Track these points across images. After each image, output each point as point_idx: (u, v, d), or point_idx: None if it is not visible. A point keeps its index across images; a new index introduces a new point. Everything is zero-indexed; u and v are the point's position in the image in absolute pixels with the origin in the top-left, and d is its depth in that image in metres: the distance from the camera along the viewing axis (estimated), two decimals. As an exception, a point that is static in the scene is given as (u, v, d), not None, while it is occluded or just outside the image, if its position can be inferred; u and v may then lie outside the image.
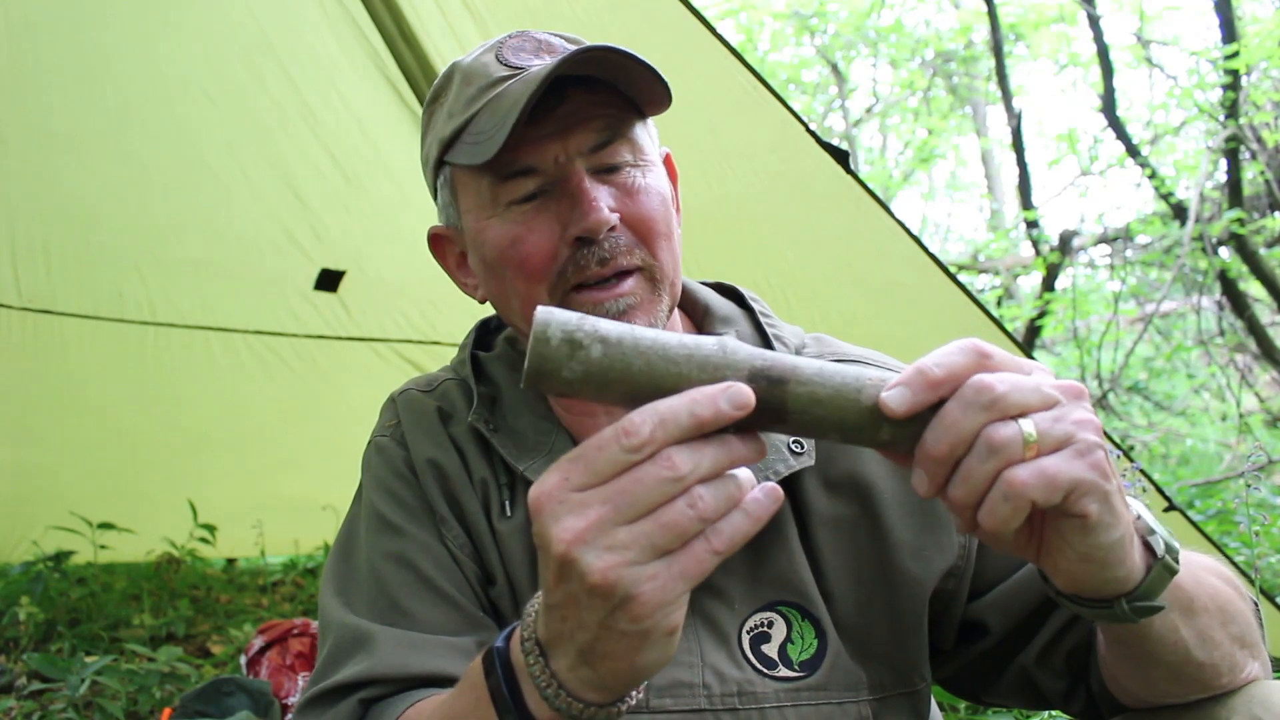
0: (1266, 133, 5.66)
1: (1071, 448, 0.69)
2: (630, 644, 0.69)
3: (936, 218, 14.68)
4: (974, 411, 0.69)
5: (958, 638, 1.12)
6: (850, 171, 2.19)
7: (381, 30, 2.81)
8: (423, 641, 1.02)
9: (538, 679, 0.74)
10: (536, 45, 1.07)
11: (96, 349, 3.38)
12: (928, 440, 0.70)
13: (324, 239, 3.29)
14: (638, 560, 0.66)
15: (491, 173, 1.04)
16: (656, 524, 0.66)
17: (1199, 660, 0.88)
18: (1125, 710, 1.00)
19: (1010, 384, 0.70)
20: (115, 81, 2.85)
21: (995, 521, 0.69)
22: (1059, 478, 0.68)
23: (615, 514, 0.66)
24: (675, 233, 1.09)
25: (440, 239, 1.18)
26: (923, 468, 0.71)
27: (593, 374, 0.68)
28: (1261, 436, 5.94)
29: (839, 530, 1.08)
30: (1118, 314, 6.48)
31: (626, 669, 0.71)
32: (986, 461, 0.68)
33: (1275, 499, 3.48)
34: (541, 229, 1.04)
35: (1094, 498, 0.70)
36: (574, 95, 1.02)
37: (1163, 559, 0.78)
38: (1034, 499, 0.68)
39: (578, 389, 0.68)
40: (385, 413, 1.20)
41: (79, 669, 2.73)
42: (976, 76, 10.96)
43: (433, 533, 1.09)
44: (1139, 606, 0.78)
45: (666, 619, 0.68)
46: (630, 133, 1.07)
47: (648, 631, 0.68)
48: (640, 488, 0.66)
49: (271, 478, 3.87)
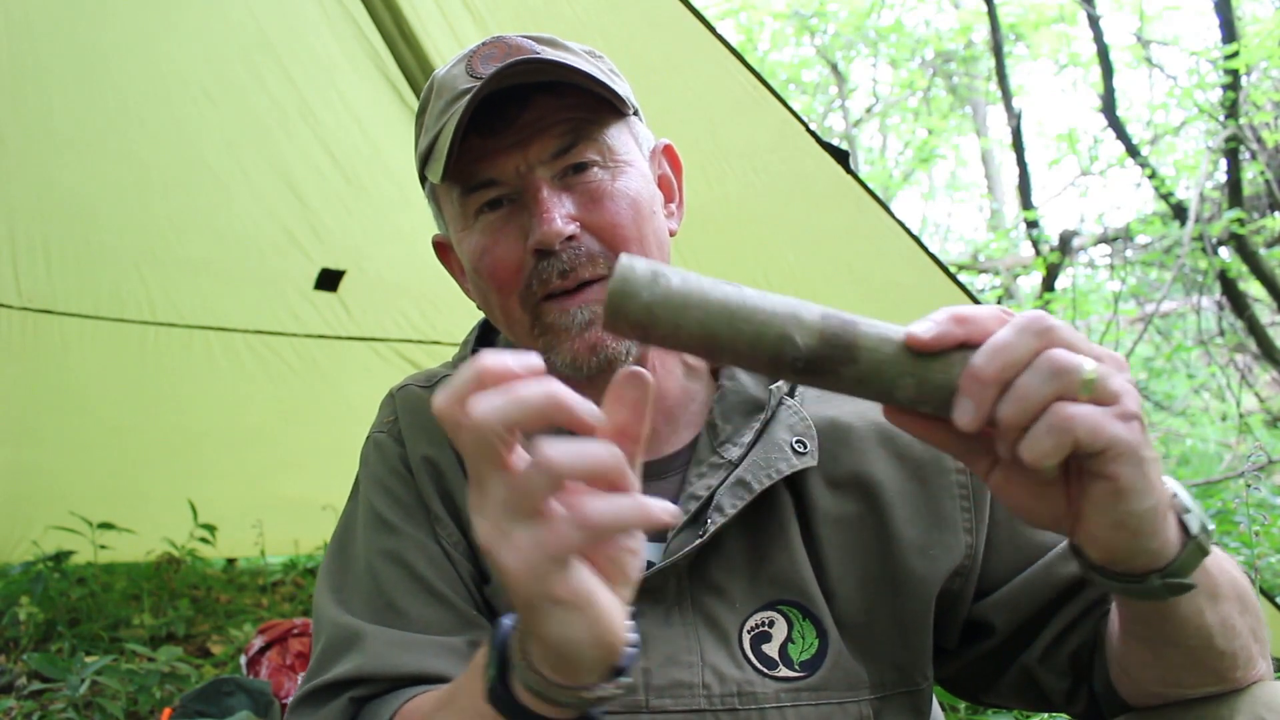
0: (1266, 133, 5.66)
1: (1117, 407, 0.69)
2: (530, 617, 0.70)
3: (936, 218, 14.68)
4: (1029, 336, 0.69)
5: (962, 638, 1.12)
6: (850, 171, 2.20)
7: (381, 30, 2.81)
8: (413, 641, 1.02)
9: (514, 654, 0.75)
10: (506, 52, 1.06)
11: (96, 349, 3.38)
12: (978, 363, 0.69)
13: (324, 239, 3.29)
14: (504, 525, 0.67)
15: (459, 186, 1.06)
16: (507, 487, 0.66)
17: (1220, 649, 0.87)
18: (1128, 710, 1.00)
19: (1068, 327, 0.70)
20: (115, 81, 2.84)
21: (1036, 453, 0.68)
22: (1104, 428, 0.68)
23: (478, 477, 0.68)
24: (650, 234, 1.08)
25: (443, 247, 1.19)
26: (969, 394, 0.70)
27: (673, 297, 0.69)
28: (1261, 436, 5.93)
29: (844, 529, 1.08)
30: (1118, 314, 6.48)
31: (549, 646, 0.71)
32: (1046, 383, 0.68)
33: (1275, 499, 3.48)
34: (507, 240, 1.05)
35: (1129, 461, 0.70)
36: (539, 101, 1.03)
37: (1196, 537, 0.78)
38: (1079, 438, 0.67)
39: (656, 314, 0.69)
40: (384, 408, 1.20)
41: (79, 669, 2.73)
42: (976, 76, 10.96)
43: (427, 531, 1.09)
44: (1172, 583, 0.77)
45: (539, 588, 0.67)
46: (598, 135, 1.06)
47: (530, 602, 0.68)
48: (471, 445, 0.66)
49: (271, 478, 3.87)
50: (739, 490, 1.04)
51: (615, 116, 1.08)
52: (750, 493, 1.04)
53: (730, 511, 1.03)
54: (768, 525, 1.07)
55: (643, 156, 1.12)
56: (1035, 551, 1.08)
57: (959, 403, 0.70)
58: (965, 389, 0.70)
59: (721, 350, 0.71)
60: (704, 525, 1.03)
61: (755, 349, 0.71)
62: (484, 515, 0.68)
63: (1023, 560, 1.09)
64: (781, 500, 1.07)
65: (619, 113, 1.08)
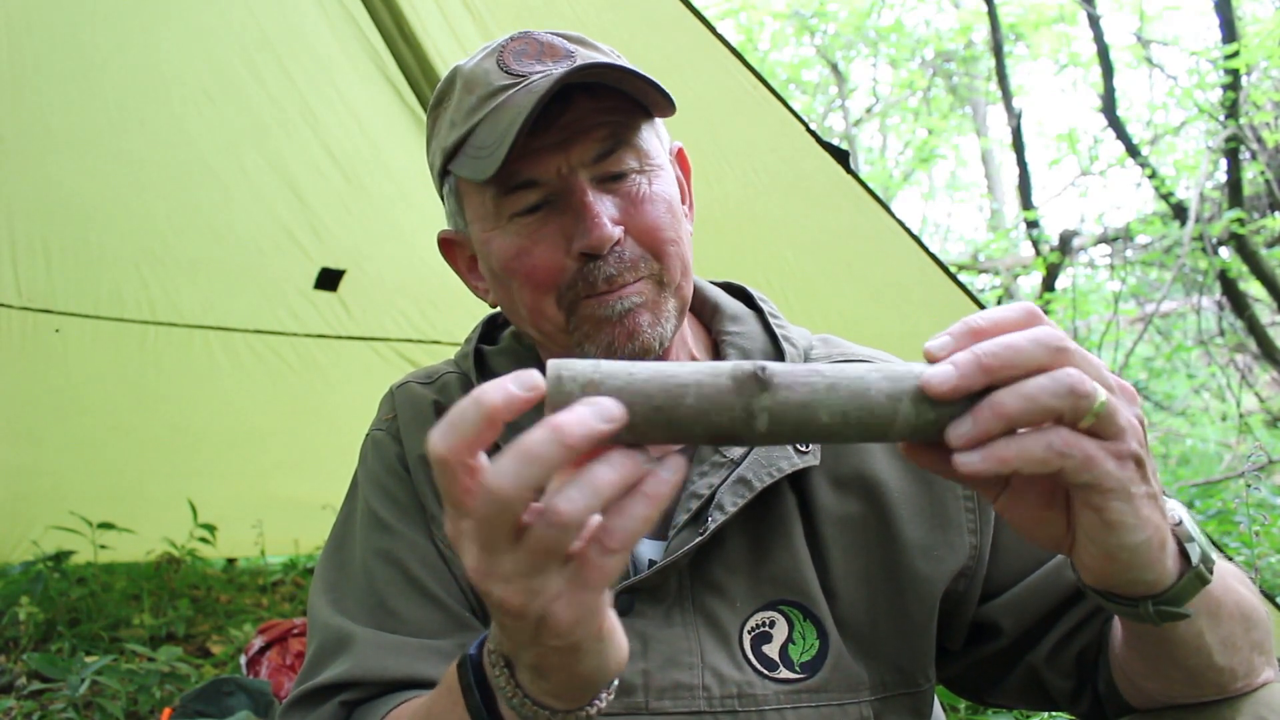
0: (1266, 133, 5.66)
1: (1115, 444, 0.68)
2: (566, 658, 0.68)
3: (936, 218, 14.68)
4: (1041, 349, 0.67)
5: (967, 639, 1.12)
6: (850, 171, 2.20)
7: (381, 30, 2.81)
8: (403, 645, 1.02)
9: (503, 690, 0.75)
10: (539, 49, 1.06)
11: (97, 349, 3.38)
12: (985, 347, 0.66)
13: (324, 238, 3.29)
14: (534, 584, 0.63)
15: (495, 185, 1.04)
16: (525, 550, 0.62)
17: (1220, 665, 0.87)
18: (1131, 711, 1.00)
19: (1078, 348, 0.69)
20: (115, 81, 2.84)
21: (1018, 460, 0.66)
22: (1095, 464, 0.67)
23: (489, 545, 0.63)
24: (684, 235, 1.08)
25: (450, 243, 1.17)
26: (959, 367, 0.66)
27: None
28: (1261, 436, 5.94)
29: (848, 528, 1.07)
30: (1118, 314, 6.48)
31: (575, 679, 0.71)
32: (1058, 398, 0.65)
33: (1275, 499, 3.48)
34: (547, 242, 1.03)
35: (1117, 497, 0.69)
36: (578, 102, 1.02)
37: (1196, 568, 0.77)
38: (1065, 467, 0.67)
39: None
40: (384, 405, 1.20)
41: (79, 669, 2.73)
42: (976, 76, 10.96)
43: (423, 531, 1.09)
44: (1165, 611, 0.77)
45: (589, 629, 0.66)
46: (635, 139, 1.06)
47: (576, 645, 0.67)
48: (485, 515, 0.62)
49: (271, 478, 3.87)
50: (740, 488, 1.04)
51: (646, 119, 1.08)
52: (751, 490, 1.03)
53: (731, 509, 1.03)
54: (769, 524, 1.07)
55: (668, 158, 1.13)
56: (1043, 554, 1.08)
57: (940, 366, 0.67)
58: (959, 360, 0.67)
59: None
60: (705, 523, 1.03)
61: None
62: (504, 580, 0.63)
63: (1031, 562, 1.08)
64: (784, 499, 1.07)
65: (648, 114, 1.08)
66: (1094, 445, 0.67)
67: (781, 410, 0.65)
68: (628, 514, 0.63)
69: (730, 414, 0.65)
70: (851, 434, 0.67)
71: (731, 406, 0.65)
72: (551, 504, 0.61)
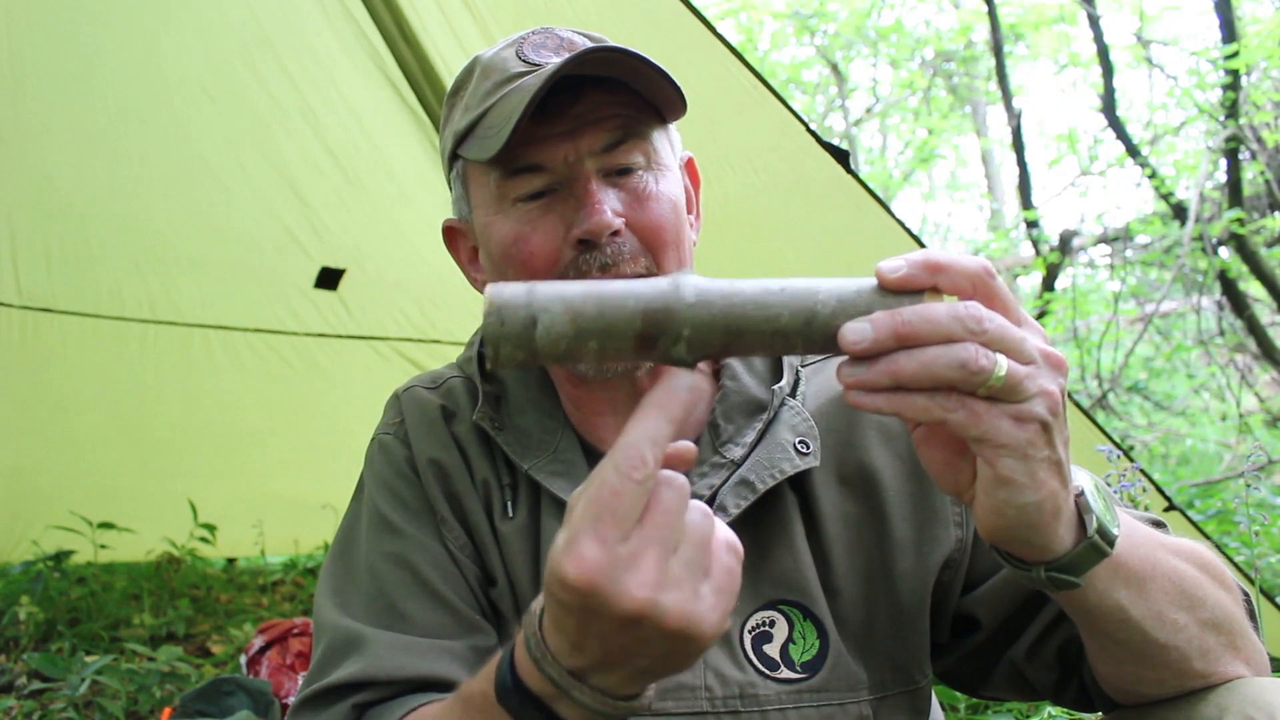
0: (1266, 133, 5.65)
1: (1016, 407, 0.70)
2: (687, 660, 0.72)
3: (936, 218, 14.68)
4: (956, 324, 0.69)
5: (952, 631, 1.12)
6: (850, 171, 2.19)
7: (381, 30, 2.81)
8: (416, 645, 1.02)
9: (581, 699, 0.73)
10: (558, 43, 1.07)
11: (96, 348, 3.38)
12: (904, 312, 0.69)
13: (324, 237, 3.29)
14: (695, 589, 0.68)
15: (500, 168, 1.04)
16: (693, 545, 0.68)
17: (1160, 641, 0.87)
18: (1115, 706, 1.00)
19: (1000, 324, 0.71)
20: (115, 81, 2.84)
21: (904, 410, 0.70)
22: (981, 420, 0.70)
23: (665, 550, 0.67)
24: (686, 241, 1.09)
25: (454, 232, 1.17)
26: (875, 327, 0.69)
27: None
28: (1261, 436, 5.94)
29: (849, 526, 1.08)
30: (1118, 314, 6.48)
31: (655, 675, 0.74)
32: (950, 368, 0.68)
33: (1275, 499, 3.48)
34: (545, 228, 1.03)
35: (1011, 455, 0.72)
36: (591, 94, 1.02)
37: (1090, 538, 0.79)
38: (950, 420, 0.70)
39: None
40: (389, 410, 1.20)
41: (79, 668, 2.73)
42: (976, 76, 10.96)
43: (433, 533, 1.09)
44: (1055, 577, 0.79)
45: (721, 628, 0.70)
46: (645, 135, 1.06)
47: (705, 648, 0.71)
48: (671, 517, 0.68)
49: (271, 477, 3.87)
50: (742, 490, 1.04)
51: (659, 122, 1.08)
52: (754, 493, 1.04)
53: (734, 511, 1.03)
54: (770, 525, 1.07)
55: (678, 164, 1.13)
56: None
57: (857, 323, 0.70)
58: (876, 320, 0.69)
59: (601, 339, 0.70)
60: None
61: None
62: (679, 588, 0.68)
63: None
64: (785, 500, 1.07)
65: (662, 119, 1.08)
66: (984, 405, 0.70)
67: (707, 285, 0.71)
68: (703, 515, 0.71)
69: (658, 287, 0.71)
70: (771, 313, 0.72)
71: (659, 284, 0.71)
72: (696, 505, 0.70)
